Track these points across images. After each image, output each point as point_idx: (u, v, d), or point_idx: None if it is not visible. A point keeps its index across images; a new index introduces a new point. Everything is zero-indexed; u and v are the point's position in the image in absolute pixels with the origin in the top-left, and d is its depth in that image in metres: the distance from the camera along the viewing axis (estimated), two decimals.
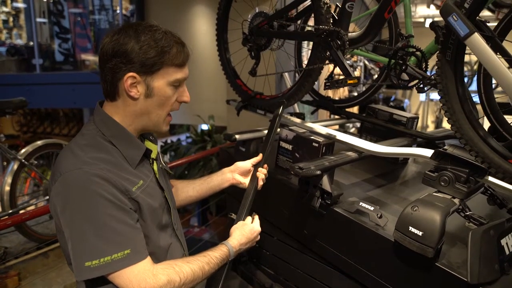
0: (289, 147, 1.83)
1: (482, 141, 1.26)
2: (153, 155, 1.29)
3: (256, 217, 1.46)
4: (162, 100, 1.16)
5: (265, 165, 1.61)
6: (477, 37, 1.16)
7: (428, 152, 1.45)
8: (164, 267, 1.10)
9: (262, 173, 1.56)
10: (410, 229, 1.20)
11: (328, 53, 1.69)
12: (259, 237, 1.41)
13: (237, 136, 1.97)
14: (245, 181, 1.59)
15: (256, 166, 1.60)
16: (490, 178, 1.35)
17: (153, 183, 1.25)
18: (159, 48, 1.10)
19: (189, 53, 1.20)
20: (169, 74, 1.14)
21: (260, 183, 1.55)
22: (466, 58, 1.35)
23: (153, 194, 1.22)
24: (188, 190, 1.61)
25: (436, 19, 1.76)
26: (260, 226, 1.44)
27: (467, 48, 1.24)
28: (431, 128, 10.70)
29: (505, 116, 1.66)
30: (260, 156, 1.61)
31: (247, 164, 1.60)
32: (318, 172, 1.45)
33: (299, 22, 2.08)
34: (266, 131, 2.10)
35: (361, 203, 1.45)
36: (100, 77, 1.16)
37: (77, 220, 1.02)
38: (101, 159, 1.09)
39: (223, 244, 1.29)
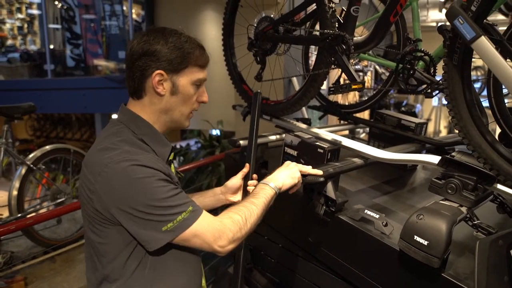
0: (294, 153, 1.80)
1: (490, 148, 1.22)
2: (171, 157, 1.34)
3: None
4: (185, 98, 1.23)
5: (254, 176, 1.56)
6: (484, 40, 1.13)
7: (435, 159, 1.42)
8: (223, 214, 1.18)
9: (251, 185, 1.52)
10: (415, 238, 1.16)
11: (333, 57, 1.66)
12: (298, 174, 1.39)
13: (241, 142, 1.95)
14: (238, 198, 1.57)
15: (245, 179, 1.56)
16: (500, 186, 1.30)
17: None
18: (185, 49, 1.19)
19: (209, 57, 1.29)
20: (192, 73, 1.22)
21: None
22: (479, 62, 1.31)
23: None
24: None
25: (447, 23, 1.73)
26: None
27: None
28: (443, 133, 10.57)
29: None
30: (246, 167, 1.57)
31: (237, 181, 1.57)
32: (322, 179, 1.42)
33: (305, 26, 2.06)
34: (271, 137, 2.08)
35: (366, 211, 1.42)
36: (127, 77, 1.22)
37: (138, 201, 1.07)
38: (139, 152, 1.14)
39: (261, 182, 1.35)
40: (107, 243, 1.15)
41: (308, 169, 1.43)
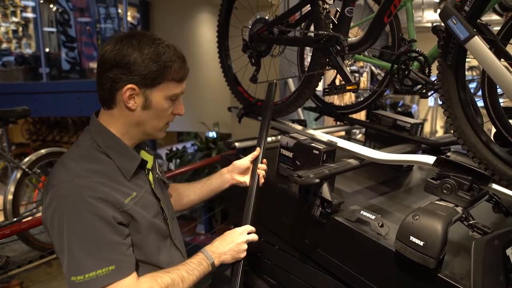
0: (290, 154, 1.80)
1: (485, 147, 1.22)
2: (149, 166, 1.28)
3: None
4: (158, 112, 1.16)
5: (264, 160, 1.55)
6: (477, 40, 1.13)
7: (430, 159, 1.42)
8: (147, 279, 1.09)
9: (261, 169, 1.51)
10: (411, 239, 1.16)
11: (327, 59, 1.66)
12: (244, 247, 1.31)
13: (236, 144, 1.95)
14: (245, 179, 1.55)
15: (254, 162, 1.54)
16: (495, 186, 1.30)
17: (148, 194, 1.24)
18: (161, 63, 1.10)
19: (188, 69, 1.20)
20: (168, 88, 1.14)
21: (261, 180, 1.51)
22: (475, 62, 1.32)
23: (148, 206, 1.21)
24: (190, 194, 1.60)
25: (435, 23, 1.73)
26: (260, 234, 1.39)
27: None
28: (440, 133, 10.60)
29: (511, 121, 1.62)
30: (257, 151, 1.55)
31: (245, 161, 1.55)
32: (317, 180, 1.41)
33: (299, 28, 2.06)
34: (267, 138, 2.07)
35: (362, 212, 1.41)
36: (97, 84, 1.14)
37: (65, 233, 1.01)
38: (94, 171, 1.08)
39: (200, 250, 1.27)
40: None
41: (255, 238, 1.35)
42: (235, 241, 1.30)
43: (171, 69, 1.12)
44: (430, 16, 8.34)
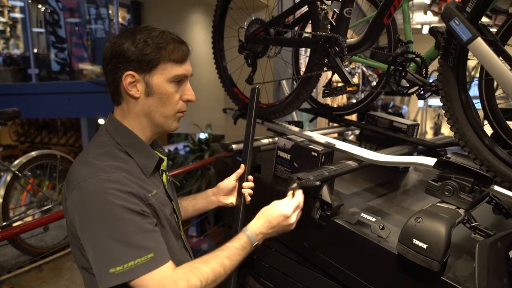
0: (287, 156, 1.79)
1: (487, 149, 1.22)
2: (163, 167, 1.28)
3: (298, 192, 1.34)
4: (163, 98, 1.14)
5: (250, 177, 1.49)
6: (480, 41, 1.12)
7: (430, 161, 1.41)
8: (183, 271, 1.06)
9: (247, 187, 1.46)
10: (414, 242, 1.15)
11: (326, 60, 1.65)
12: (292, 220, 1.27)
13: (234, 146, 1.93)
14: (232, 200, 1.52)
15: (240, 181, 1.49)
16: (497, 188, 1.30)
17: (164, 194, 1.23)
18: (154, 45, 1.09)
19: (188, 50, 1.17)
20: (167, 70, 1.12)
21: (247, 199, 1.44)
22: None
23: (165, 204, 1.21)
24: None
25: (433, 25, 1.73)
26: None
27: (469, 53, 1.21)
28: (429, 134, 10.68)
29: (509, 123, 1.62)
30: (241, 169, 1.49)
31: (230, 182, 1.52)
32: (318, 183, 1.40)
33: (296, 28, 2.05)
34: (263, 140, 2.06)
35: (362, 214, 1.40)
36: (106, 82, 1.16)
37: (98, 229, 1.00)
38: (117, 167, 1.07)
39: (242, 231, 1.22)
40: (79, 257, 1.11)
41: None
42: (282, 225, 1.26)
43: (165, 50, 1.10)
44: (420, 18, 8.41)
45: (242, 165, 1.49)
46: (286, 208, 1.27)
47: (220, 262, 1.11)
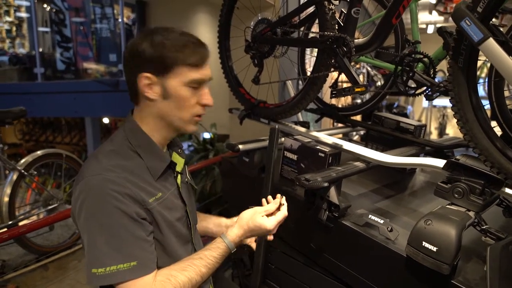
0: (294, 157, 1.78)
1: (497, 151, 1.20)
2: (179, 168, 1.27)
3: (284, 207, 1.29)
4: (179, 101, 1.13)
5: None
6: (492, 42, 1.11)
7: (439, 162, 1.40)
8: (161, 279, 1.07)
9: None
10: (423, 244, 1.14)
11: (333, 60, 1.64)
12: (272, 232, 1.26)
13: (240, 146, 1.92)
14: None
15: None
16: (508, 190, 1.28)
17: (174, 196, 1.23)
18: (171, 47, 1.08)
19: (208, 53, 1.16)
20: (183, 74, 1.11)
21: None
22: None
23: (172, 208, 1.20)
24: None
25: (438, 25, 1.71)
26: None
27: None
28: (434, 134, 10.64)
29: None
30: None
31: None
32: (326, 184, 1.39)
33: (304, 28, 2.04)
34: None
35: (370, 216, 1.39)
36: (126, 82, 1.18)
37: (90, 225, 1.02)
38: (123, 167, 1.08)
39: (220, 238, 1.22)
40: None
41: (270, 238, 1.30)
42: (259, 235, 1.29)
43: (182, 53, 1.09)
44: (425, 18, 8.36)
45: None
46: (269, 223, 1.24)
47: (198, 271, 1.12)
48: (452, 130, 10.24)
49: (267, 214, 1.26)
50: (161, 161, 1.19)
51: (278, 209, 1.30)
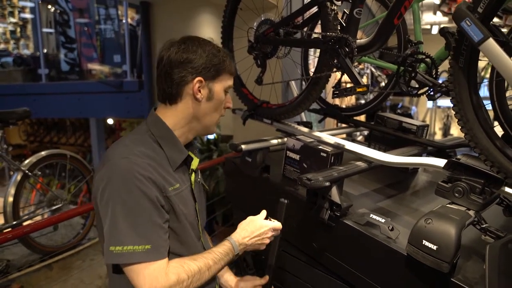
0: (297, 157, 1.79)
1: (498, 150, 1.21)
2: (193, 166, 1.34)
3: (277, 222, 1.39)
4: (217, 103, 1.29)
5: None
6: (492, 42, 1.12)
7: (440, 162, 1.40)
8: (175, 265, 1.13)
9: None
10: (423, 243, 1.15)
11: (336, 60, 1.65)
12: (269, 233, 1.35)
13: (243, 146, 1.93)
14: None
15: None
16: (507, 189, 1.29)
17: (188, 192, 1.30)
18: (220, 57, 1.24)
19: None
20: (225, 80, 1.28)
21: None
22: None
23: (186, 202, 1.27)
24: None
25: (442, 25, 1.72)
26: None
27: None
28: (438, 135, 10.61)
29: None
30: (265, 279, 1.52)
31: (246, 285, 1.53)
32: (327, 184, 1.40)
33: (307, 29, 2.05)
34: (272, 141, 2.05)
35: (371, 215, 1.40)
36: (161, 83, 1.24)
37: (113, 203, 1.08)
38: (147, 155, 1.16)
39: (226, 239, 1.31)
40: (102, 233, 1.15)
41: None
42: (261, 236, 1.34)
43: (226, 63, 1.26)
44: (429, 18, 8.34)
45: (267, 276, 1.52)
46: (267, 223, 1.36)
47: (206, 263, 1.19)
48: (457, 130, 10.22)
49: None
50: (180, 153, 1.27)
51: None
